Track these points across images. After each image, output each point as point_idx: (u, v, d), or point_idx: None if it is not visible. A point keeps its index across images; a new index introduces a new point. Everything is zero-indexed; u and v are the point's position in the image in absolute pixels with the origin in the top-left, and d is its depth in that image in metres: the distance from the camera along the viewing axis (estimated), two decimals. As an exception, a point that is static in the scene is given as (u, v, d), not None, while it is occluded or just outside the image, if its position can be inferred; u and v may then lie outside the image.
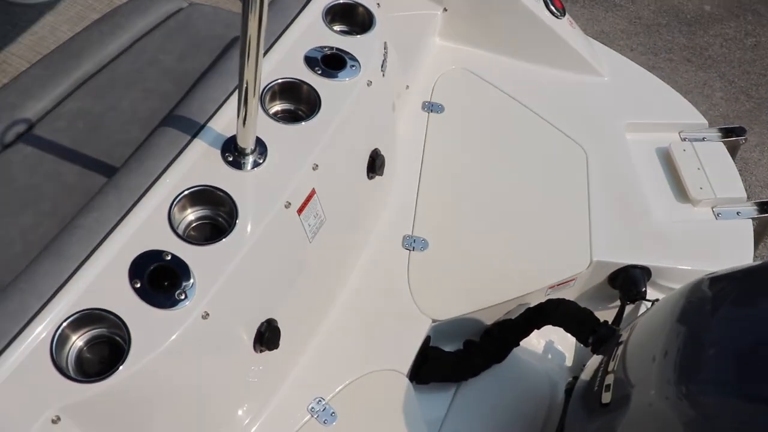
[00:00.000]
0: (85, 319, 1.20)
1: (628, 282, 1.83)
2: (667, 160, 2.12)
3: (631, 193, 2.00)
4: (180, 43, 1.98)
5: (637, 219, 1.95)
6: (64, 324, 1.18)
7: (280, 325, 1.41)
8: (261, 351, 1.40)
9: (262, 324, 1.39)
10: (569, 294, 1.86)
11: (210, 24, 2.04)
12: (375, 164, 1.68)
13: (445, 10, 2.31)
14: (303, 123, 1.47)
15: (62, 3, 2.81)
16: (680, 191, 2.05)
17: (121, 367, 1.15)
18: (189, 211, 1.35)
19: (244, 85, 1.19)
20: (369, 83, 1.60)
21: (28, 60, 2.63)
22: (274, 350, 1.41)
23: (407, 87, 2.10)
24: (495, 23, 2.29)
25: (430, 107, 2.14)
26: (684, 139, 2.18)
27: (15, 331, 1.17)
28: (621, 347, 1.28)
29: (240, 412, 1.46)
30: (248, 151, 1.36)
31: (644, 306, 1.82)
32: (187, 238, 1.29)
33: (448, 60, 2.30)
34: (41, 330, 1.17)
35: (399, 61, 1.95)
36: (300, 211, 1.41)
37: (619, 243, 1.89)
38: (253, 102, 1.22)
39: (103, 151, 1.73)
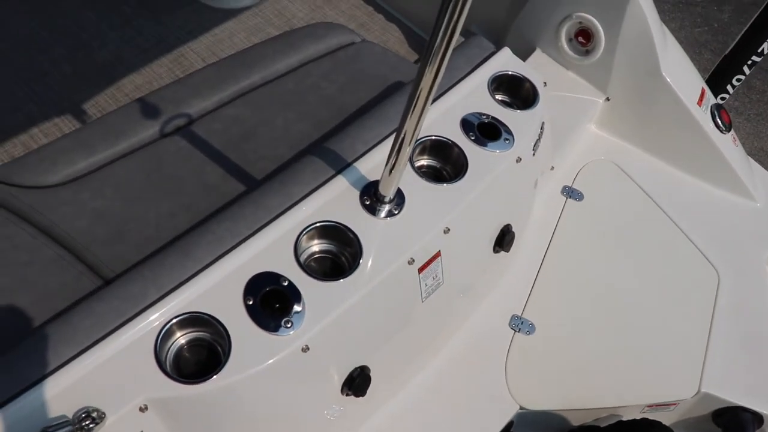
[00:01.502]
0: (194, 320, 1.24)
1: (735, 424, 1.71)
2: None
3: (759, 331, 1.89)
4: (344, 75, 2.04)
5: (760, 360, 1.83)
6: (174, 320, 1.22)
7: (371, 374, 1.41)
8: (347, 394, 1.40)
9: (356, 369, 1.39)
10: (666, 418, 1.76)
11: (377, 63, 2.10)
12: (504, 240, 1.66)
13: (608, 99, 2.28)
14: (445, 184, 1.47)
15: (244, 12, 2.97)
16: None
17: (214, 377, 1.17)
18: (315, 242, 1.37)
19: (402, 135, 1.20)
20: (518, 160, 1.59)
21: (203, 57, 2.79)
22: (360, 397, 1.41)
23: (552, 168, 2.08)
24: (655, 124, 2.23)
25: (570, 192, 2.11)
26: None
27: (131, 314, 1.22)
28: None
29: (310, 446, 1.47)
30: (387, 199, 1.37)
31: None
32: (307, 268, 1.31)
33: (599, 149, 2.27)
34: (153, 320, 1.22)
35: (551, 140, 1.93)
36: (421, 270, 1.41)
37: (734, 380, 1.78)
38: (406, 153, 1.23)
39: (249, 161, 1.80)
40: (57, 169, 1.78)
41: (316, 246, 1.38)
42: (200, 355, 1.25)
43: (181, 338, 1.25)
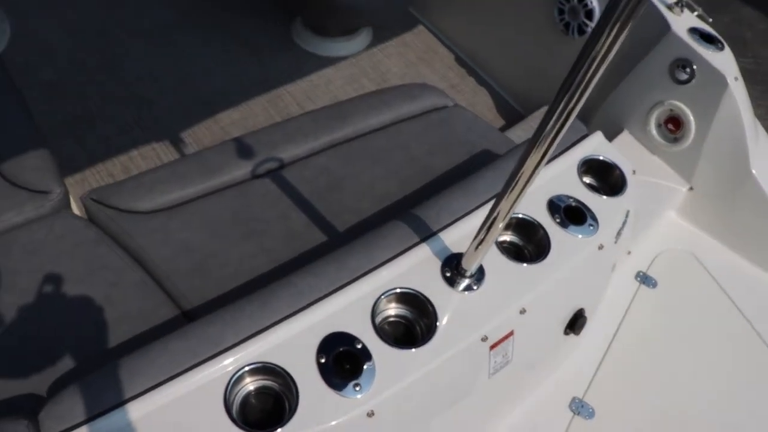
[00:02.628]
0: (266, 370, 1.27)
1: None
2: None
3: None
4: (433, 137, 2.09)
5: None
6: (247, 367, 1.26)
7: None
8: None
9: None
10: None
11: (466, 129, 2.14)
12: (576, 323, 1.66)
13: (691, 189, 2.26)
14: (525, 264, 1.49)
15: (342, 62, 3.07)
16: None
17: (279, 430, 1.20)
18: (392, 306, 1.40)
19: (495, 214, 1.21)
20: (600, 247, 1.60)
21: (298, 101, 2.89)
22: None
23: (629, 252, 2.07)
24: (739, 219, 2.20)
25: (644, 279, 2.09)
26: None
27: (206, 356, 1.26)
28: None
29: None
30: (468, 274, 1.40)
31: None
32: (381, 330, 1.33)
33: (677, 238, 2.24)
34: (227, 364, 1.25)
35: (631, 225, 1.93)
36: (493, 347, 1.42)
37: None
38: (496, 232, 1.25)
39: (333, 212, 1.86)
40: (152, 196, 1.86)
41: (392, 310, 1.41)
42: (266, 404, 1.28)
43: (250, 384, 1.27)
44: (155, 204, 1.86)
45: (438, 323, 1.35)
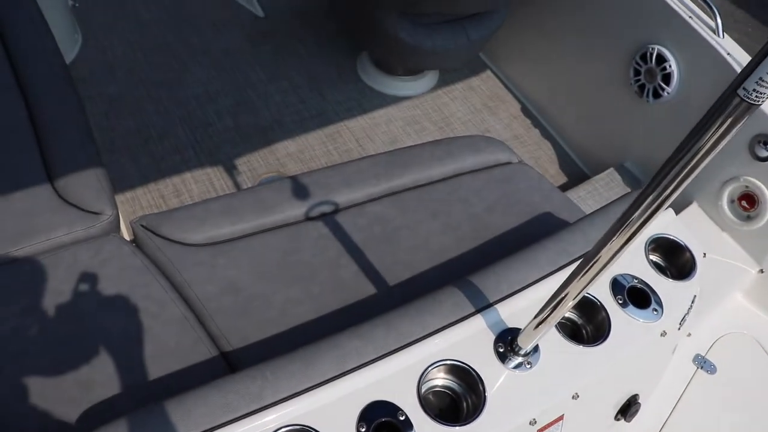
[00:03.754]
0: None
1: None
2: None
3: None
4: (495, 194, 2.02)
5: None
6: (284, 429, 1.20)
7: None
8: None
9: None
10: None
11: (530, 188, 2.06)
12: (629, 410, 1.56)
13: (761, 271, 2.15)
14: (583, 347, 1.40)
15: (405, 101, 3.02)
16: None
17: None
18: (439, 376, 1.33)
19: (563, 294, 1.14)
20: (663, 333, 1.50)
21: (357, 137, 2.85)
22: None
23: (689, 334, 1.96)
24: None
25: (702, 363, 1.98)
26: None
27: (243, 412, 1.21)
28: None
29: None
30: (523, 352, 1.32)
31: None
32: (425, 400, 1.26)
33: (742, 322, 2.12)
34: (265, 422, 1.20)
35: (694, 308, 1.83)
36: (540, 431, 1.34)
37: None
38: (560, 313, 1.17)
39: (384, 264, 1.79)
40: (202, 229, 1.83)
41: (439, 380, 1.33)
42: None
43: None
44: (205, 237, 1.82)
45: (486, 401, 1.28)
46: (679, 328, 1.60)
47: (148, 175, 2.63)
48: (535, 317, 1.23)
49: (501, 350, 1.34)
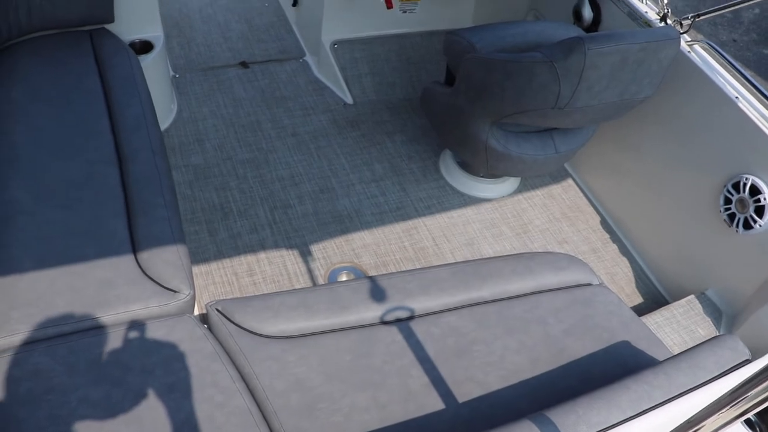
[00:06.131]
0: None
1: None
2: None
3: None
4: (573, 317, 1.96)
5: None
6: None
7: None
8: None
9: None
10: None
11: (610, 314, 2.00)
12: None
13: None
14: None
15: (484, 204, 3.02)
16: None
17: None
18: None
19: None
20: None
21: (433, 235, 2.85)
22: None
23: None
24: None
25: None
26: None
27: None
28: None
29: None
30: None
31: None
32: None
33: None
34: None
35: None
36: None
37: None
38: None
39: (456, 380, 1.75)
40: (276, 321, 1.82)
41: None
42: None
43: None
44: (278, 330, 1.81)
45: None
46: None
47: (224, 251, 2.67)
48: None
49: None
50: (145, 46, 2.97)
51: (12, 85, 2.36)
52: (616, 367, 1.86)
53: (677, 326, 2.44)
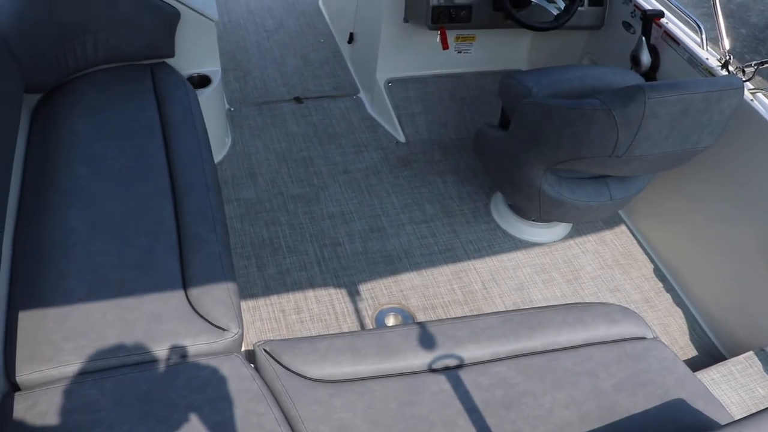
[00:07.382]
0: None
1: None
2: None
3: None
4: (625, 372, 1.91)
5: None
6: None
7: None
8: None
9: None
10: None
11: (664, 369, 1.94)
12: None
13: None
14: None
15: (535, 248, 3.00)
16: None
17: None
18: None
19: None
20: None
21: (482, 278, 2.82)
22: None
23: None
24: None
25: None
26: None
27: None
28: None
29: None
30: None
31: None
32: None
33: None
34: None
35: None
36: None
37: None
38: None
39: (502, 431, 1.72)
40: (323, 365, 1.81)
41: None
42: None
43: None
44: (324, 373, 1.80)
45: None
46: None
47: (272, 287, 2.68)
48: None
49: None
50: (202, 80, 3.03)
51: (77, 117, 2.43)
52: (670, 427, 1.80)
53: (735, 384, 2.36)
